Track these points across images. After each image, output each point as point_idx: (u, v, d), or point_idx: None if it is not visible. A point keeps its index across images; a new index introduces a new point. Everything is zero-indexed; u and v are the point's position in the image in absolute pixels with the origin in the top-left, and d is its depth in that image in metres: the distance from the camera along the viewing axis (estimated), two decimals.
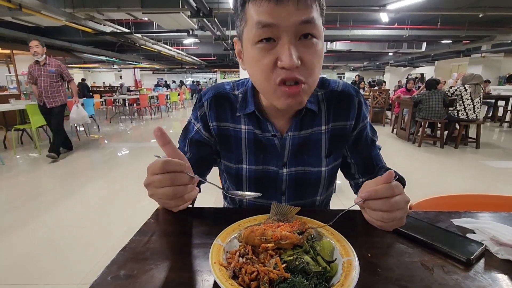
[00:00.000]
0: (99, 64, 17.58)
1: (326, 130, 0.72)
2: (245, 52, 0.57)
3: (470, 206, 0.82)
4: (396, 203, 0.50)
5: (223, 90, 0.73)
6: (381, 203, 0.50)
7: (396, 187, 0.51)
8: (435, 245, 0.53)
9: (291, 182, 0.73)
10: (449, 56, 12.46)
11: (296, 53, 0.50)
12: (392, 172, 0.50)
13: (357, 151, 0.77)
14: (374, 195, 0.50)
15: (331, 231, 0.53)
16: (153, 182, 0.49)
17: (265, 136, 0.70)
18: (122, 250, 0.53)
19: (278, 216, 0.57)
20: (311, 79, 0.55)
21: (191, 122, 0.76)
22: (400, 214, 0.51)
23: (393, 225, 0.53)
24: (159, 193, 0.49)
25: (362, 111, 0.73)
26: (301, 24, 0.49)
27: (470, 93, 4.44)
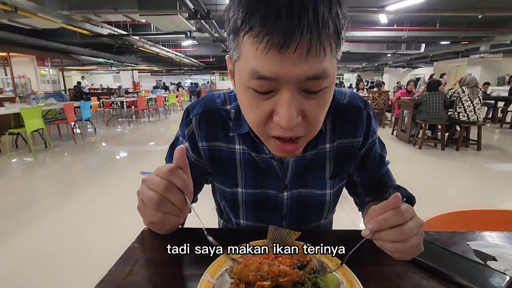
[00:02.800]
0: (96, 66, 17.51)
1: (331, 149, 0.64)
2: (236, 85, 0.47)
3: (485, 223, 0.76)
4: (410, 230, 0.44)
5: (213, 106, 0.63)
6: (393, 233, 0.44)
7: (407, 211, 0.45)
8: (453, 277, 0.46)
9: (293, 206, 0.66)
10: (448, 57, 12.43)
11: (297, 109, 0.41)
12: (398, 195, 0.44)
13: (365, 170, 0.69)
14: (384, 224, 0.44)
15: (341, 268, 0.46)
16: (150, 181, 0.45)
17: (262, 159, 0.62)
18: (99, 284, 0.46)
19: (276, 242, 0.51)
20: (312, 132, 0.48)
21: (178, 139, 0.68)
22: (417, 241, 0.45)
23: (411, 254, 0.47)
24: (146, 194, 0.45)
25: (371, 126, 0.65)
26: (308, 80, 0.39)
27: (468, 94, 4.40)
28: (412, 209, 0.46)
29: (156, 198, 0.43)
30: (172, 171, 0.44)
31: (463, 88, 4.44)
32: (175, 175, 0.44)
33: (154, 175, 0.45)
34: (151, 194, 0.44)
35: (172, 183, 0.44)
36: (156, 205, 0.44)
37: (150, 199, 0.44)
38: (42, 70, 10.07)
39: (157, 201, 0.43)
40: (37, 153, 4.57)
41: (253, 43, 0.38)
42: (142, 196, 0.46)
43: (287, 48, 0.36)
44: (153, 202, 0.44)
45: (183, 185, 0.44)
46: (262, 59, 0.38)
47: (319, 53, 0.37)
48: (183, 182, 0.44)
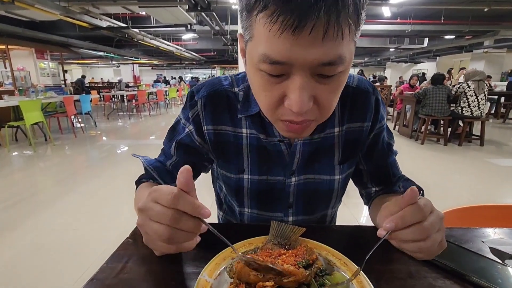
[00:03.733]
0: (97, 59, 17.41)
1: (340, 133, 0.61)
2: (247, 65, 0.45)
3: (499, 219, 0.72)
4: (431, 226, 0.40)
5: (220, 87, 0.60)
6: (412, 231, 0.40)
7: (426, 206, 0.41)
8: (471, 277, 0.43)
9: (300, 193, 0.64)
10: (451, 52, 12.31)
11: (309, 94, 0.39)
12: (415, 189, 0.41)
13: (372, 158, 0.66)
14: (402, 223, 0.40)
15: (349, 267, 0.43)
16: (151, 210, 0.38)
17: (270, 142, 0.60)
18: (89, 283, 0.43)
19: (278, 239, 0.47)
20: (323, 117, 0.45)
21: (180, 122, 0.64)
22: (439, 237, 0.42)
23: (435, 252, 0.43)
24: (151, 228, 0.38)
25: (380, 111, 0.63)
26: (322, 66, 0.36)
27: (474, 89, 4.34)
28: (430, 202, 0.42)
29: (166, 232, 0.37)
30: (176, 197, 0.36)
31: (468, 83, 4.37)
32: (182, 201, 0.37)
33: (154, 202, 0.38)
34: (158, 228, 0.37)
35: (180, 211, 0.37)
36: (167, 239, 0.37)
37: (158, 234, 0.37)
38: (41, 63, 10.00)
39: (168, 234, 0.37)
40: (37, 146, 4.54)
41: (267, 24, 0.35)
42: (147, 230, 0.39)
43: (302, 30, 0.33)
44: (163, 236, 0.37)
45: (194, 210, 0.37)
46: (275, 42, 0.35)
47: (336, 36, 0.34)
48: (194, 207, 0.37)
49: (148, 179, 0.64)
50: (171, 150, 0.64)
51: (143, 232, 0.40)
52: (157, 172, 0.64)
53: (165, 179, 0.63)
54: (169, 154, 0.65)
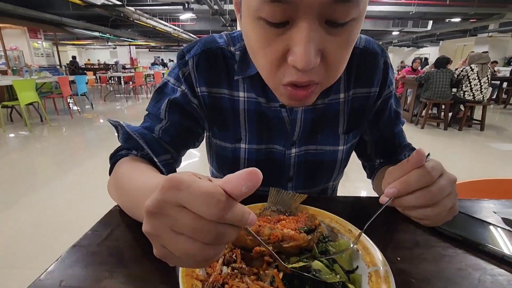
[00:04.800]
0: (92, 40, 16.96)
1: (345, 99, 0.56)
2: (243, 20, 0.38)
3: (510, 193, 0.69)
4: (439, 190, 0.36)
5: (214, 45, 0.54)
6: (417, 197, 0.36)
7: (434, 169, 0.37)
8: (486, 246, 0.40)
9: (301, 165, 0.59)
10: (454, 36, 12.05)
11: (317, 47, 0.33)
12: (421, 151, 0.36)
13: (378, 127, 0.62)
14: (406, 188, 0.36)
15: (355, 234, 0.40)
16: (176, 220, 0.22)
17: (270, 107, 0.54)
18: (69, 250, 0.40)
19: (278, 206, 0.44)
20: (331, 78, 0.39)
21: (168, 84, 0.57)
22: (450, 202, 0.37)
23: (444, 218, 0.39)
24: (177, 244, 0.23)
25: (389, 75, 0.58)
26: (335, 3, 0.30)
27: (477, 72, 4.25)
28: (440, 164, 0.38)
29: (202, 253, 0.23)
30: (226, 209, 0.22)
31: (471, 66, 4.28)
32: (232, 213, 0.22)
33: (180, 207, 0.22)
34: (189, 247, 0.22)
35: (226, 224, 0.23)
36: (202, 260, 0.24)
37: (189, 254, 0.23)
38: (35, 43, 9.72)
39: (204, 255, 0.23)
40: (32, 127, 4.47)
41: None
42: (167, 244, 0.23)
43: None
44: (197, 258, 0.23)
45: (243, 220, 0.23)
46: None
47: None
48: (243, 217, 0.23)
49: (131, 150, 0.52)
50: (161, 112, 0.54)
51: (157, 245, 0.24)
52: (145, 140, 0.51)
53: (155, 148, 0.51)
54: (157, 117, 0.55)
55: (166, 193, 0.22)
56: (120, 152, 0.53)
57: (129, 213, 0.47)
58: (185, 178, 0.22)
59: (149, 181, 0.40)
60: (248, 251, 0.34)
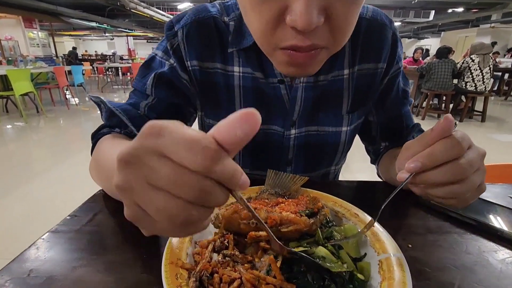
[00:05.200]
0: (89, 31, 16.70)
1: (350, 76, 0.52)
2: None
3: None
4: (469, 164, 0.31)
5: (206, 14, 0.49)
6: (444, 172, 0.30)
7: (463, 139, 0.31)
8: (503, 231, 0.36)
9: (300, 148, 0.55)
10: (456, 27, 11.87)
11: (320, 3, 0.29)
12: (450, 117, 0.30)
13: (384, 107, 0.57)
14: (431, 162, 0.30)
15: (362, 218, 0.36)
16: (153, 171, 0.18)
17: (268, 83, 0.50)
18: (45, 236, 0.36)
19: (276, 189, 0.40)
20: (337, 42, 0.34)
21: (155, 58, 0.52)
22: (479, 178, 0.32)
23: (473, 196, 0.33)
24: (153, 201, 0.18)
25: (397, 49, 0.53)
26: None
27: (478, 62, 4.18)
28: (467, 136, 0.32)
29: (183, 212, 0.18)
30: (216, 160, 0.18)
31: (472, 57, 4.22)
32: (222, 166, 0.18)
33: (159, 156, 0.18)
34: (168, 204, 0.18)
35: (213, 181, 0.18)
36: (183, 221, 0.19)
37: (168, 214, 0.18)
38: (30, 33, 9.53)
39: (185, 216, 0.18)
40: (28, 117, 4.40)
41: None
42: (141, 202, 0.19)
43: None
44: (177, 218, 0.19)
45: (233, 180, 0.18)
46: None
47: None
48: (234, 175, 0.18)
49: (113, 128, 0.48)
50: (147, 87, 0.49)
51: (129, 203, 0.20)
52: (128, 117, 0.47)
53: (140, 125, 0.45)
54: (143, 93, 0.50)
55: (145, 140, 0.18)
56: (102, 130, 0.48)
57: (110, 192, 0.43)
58: (169, 124, 0.18)
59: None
60: (242, 237, 0.30)
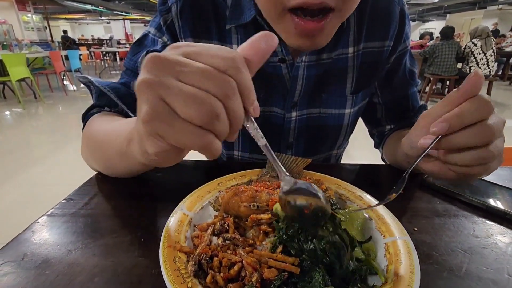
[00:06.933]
0: (85, 14, 16.30)
1: (355, 54, 0.49)
2: None
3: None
4: (497, 125, 0.29)
5: None
6: (475, 132, 0.28)
7: (490, 100, 0.29)
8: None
9: (301, 131, 0.53)
10: (462, 9, 11.53)
11: None
12: (480, 72, 0.28)
13: (390, 87, 0.55)
14: (460, 121, 0.28)
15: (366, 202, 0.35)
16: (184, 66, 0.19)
17: (268, 62, 0.47)
18: (40, 220, 0.35)
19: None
20: (348, 6, 0.32)
21: (148, 36, 0.49)
22: (502, 145, 0.31)
23: (495, 165, 0.32)
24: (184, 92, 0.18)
25: (405, 27, 0.50)
26: None
27: (481, 46, 4.10)
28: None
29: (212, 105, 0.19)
30: (242, 62, 0.20)
31: (474, 41, 4.12)
32: (246, 73, 0.20)
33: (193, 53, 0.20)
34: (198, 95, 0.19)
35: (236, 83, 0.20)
36: (208, 118, 0.19)
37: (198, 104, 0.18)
38: (24, 16, 9.29)
39: (212, 110, 0.19)
40: (26, 103, 4.36)
41: None
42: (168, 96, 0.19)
43: None
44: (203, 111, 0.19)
45: (250, 96, 0.21)
46: None
47: None
48: (251, 90, 0.21)
49: (103, 107, 0.47)
50: (139, 66, 0.47)
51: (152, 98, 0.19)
52: (118, 95, 0.45)
53: (131, 104, 0.45)
54: (135, 72, 0.48)
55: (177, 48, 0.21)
56: (92, 110, 0.47)
57: (104, 168, 0.42)
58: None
59: (123, 123, 0.35)
60: (242, 220, 0.29)
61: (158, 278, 0.25)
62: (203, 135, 0.19)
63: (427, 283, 0.25)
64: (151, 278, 0.25)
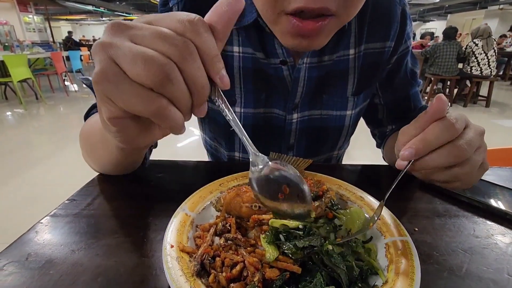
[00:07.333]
0: (86, 15, 16.34)
1: (356, 55, 0.49)
2: None
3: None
4: (468, 143, 0.30)
5: None
6: (442, 155, 0.30)
7: (457, 119, 0.30)
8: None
9: (303, 132, 0.53)
10: (463, 9, 11.51)
11: None
12: (443, 97, 0.30)
13: (392, 88, 0.55)
14: (427, 145, 0.29)
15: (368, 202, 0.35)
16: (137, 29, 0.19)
17: (269, 64, 0.47)
18: (43, 220, 0.35)
19: None
20: (349, 11, 0.32)
21: None
22: (481, 156, 0.31)
23: (475, 177, 0.33)
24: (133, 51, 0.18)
25: (406, 28, 0.50)
26: None
27: (482, 46, 4.09)
28: (464, 115, 0.31)
29: (169, 67, 0.18)
30: (197, 24, 0.19)
31: (475, 41, 4.12)
32: (205, 35, 0.20)
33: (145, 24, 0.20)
34: (151, 54, 0.18)
35: (194, 45, 0.19)
36: (161, 79, 0.18)
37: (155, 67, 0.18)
38: (26, 17, 9.32)
39: (167, 72, 0.18)
40: (27, 104, 4.38)
41: None
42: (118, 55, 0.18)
43: None
44: (160, 72, 0.18)
45: (214, 60, 0.20)
46: None
47: None
48: (215, 54, 0.20)
49: None
50: None
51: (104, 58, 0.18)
52: None
53: None
54: None
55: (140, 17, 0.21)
56: (93, 110, 0.47)
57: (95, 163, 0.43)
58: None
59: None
60: (244, 220, 0.29)
61: (160, 277, 0.25)
62: (153, 98, 0.18)
63: (427, 283, 0.25)
64: (154, 277, 0.26)
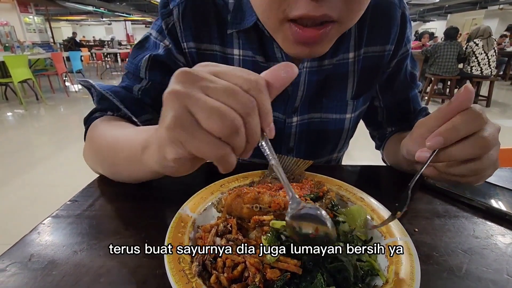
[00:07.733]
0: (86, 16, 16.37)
1: (355, 59, 0.49)
2: None
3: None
4: (492, 135, 0.29)
5: None
6: (468, 146, 0.29)
7: (483, 111, 0.29)
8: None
9: (302, 135, 0.53)
10: (463, 9, 11.51)
11: None
12: (469, 86, 0.29)
13: (392, 90, 0.55)
14: (454, 135, 0.29)
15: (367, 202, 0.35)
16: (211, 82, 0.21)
17: (269, 67, 0.47)
18: (45, 221, 0.35)
19: None
20: (350, 18, 0.32)
21: (150, 38, 0.49)
22: (496, 153, 0.31)
23: (490, 173, 0.33)
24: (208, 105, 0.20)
25: (406, 31, 0.50)
26: None
27: (482, 46, 4.09)
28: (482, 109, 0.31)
29: (233, 120, 0.20)
30: (264, 86, 0.23)
31: (475, 41, 4.12)
32: (266, 96, 0.23)
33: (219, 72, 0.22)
34: (225, 109, 0.20)
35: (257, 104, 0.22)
36: (230, 131, 0.20)
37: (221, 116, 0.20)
38: (26, 18, 9.34)
39: (234, 124, 0.20)
40: (28, 105, 4.38)
41: None
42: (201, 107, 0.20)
43: None
44: (231, 126, 0.20)
45: (268, 117, 0.23)
46: None
47: None
48: (269, 113, 0.23)
49: (105, 111, 0.46)
50: (141, 70, 0.46)
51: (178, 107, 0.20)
52: (119, 99, 0.45)
53: (133, 108, 0.45)
54: (137, 76, 0.47)
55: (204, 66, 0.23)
56: (94, 114, 0.47)
57: (109, 173, 0.42)
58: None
59: (134, 131, 0.36)
60: (245, 221, 0.29)
61: (162, 278, 0.26)
62: (221, 146, 0.21)
63: (427, 283, 0.26)
64: (155, 278, 0.26)
